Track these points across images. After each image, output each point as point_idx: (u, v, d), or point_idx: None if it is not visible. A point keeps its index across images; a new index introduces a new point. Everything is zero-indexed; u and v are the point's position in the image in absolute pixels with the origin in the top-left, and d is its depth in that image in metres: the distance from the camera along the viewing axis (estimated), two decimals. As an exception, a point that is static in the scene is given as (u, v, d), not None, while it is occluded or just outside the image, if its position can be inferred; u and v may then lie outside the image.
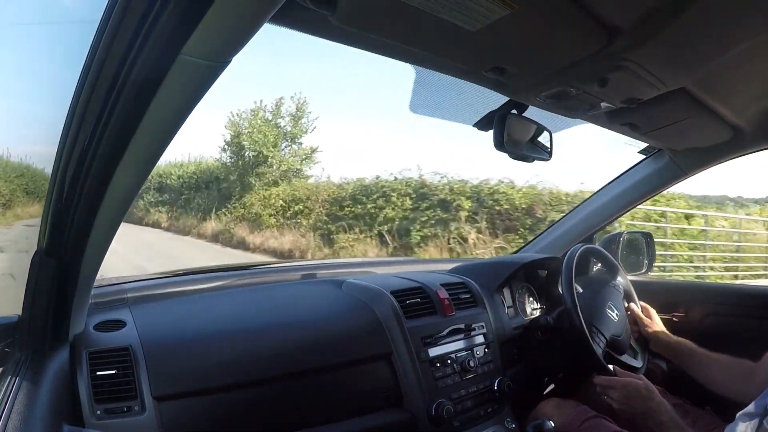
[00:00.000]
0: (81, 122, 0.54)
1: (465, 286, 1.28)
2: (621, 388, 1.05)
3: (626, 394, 1.04)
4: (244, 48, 0.49)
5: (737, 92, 0.91)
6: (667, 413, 0.99)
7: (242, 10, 0.44)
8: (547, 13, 0.58)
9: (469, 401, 1.12)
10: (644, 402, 1.01)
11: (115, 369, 0.81)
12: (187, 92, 0.51)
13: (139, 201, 12.23)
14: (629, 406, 1.04)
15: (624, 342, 1.25)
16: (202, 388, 0.85)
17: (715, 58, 0.74)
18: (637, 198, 1.45)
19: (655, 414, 0.99)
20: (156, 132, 0.55)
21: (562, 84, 0.79)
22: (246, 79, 16.38)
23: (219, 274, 1.31)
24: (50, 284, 0.72)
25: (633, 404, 1.03)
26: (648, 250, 1.56)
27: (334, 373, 0.98)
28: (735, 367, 1.09)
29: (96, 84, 0.49)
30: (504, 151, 0.98)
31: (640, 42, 0.66)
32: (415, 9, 0.53)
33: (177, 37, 0.44)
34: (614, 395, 1.06)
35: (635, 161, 1.44)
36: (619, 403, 1.06)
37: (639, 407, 1.02)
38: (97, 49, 0.47)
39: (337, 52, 24.37)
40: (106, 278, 1.15)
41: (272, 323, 1.03)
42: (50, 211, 0.66)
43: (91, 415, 0.76)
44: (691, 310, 1.33)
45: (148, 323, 0.94)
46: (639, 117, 0.99)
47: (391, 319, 1.08)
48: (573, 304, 1.16)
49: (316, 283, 1.28)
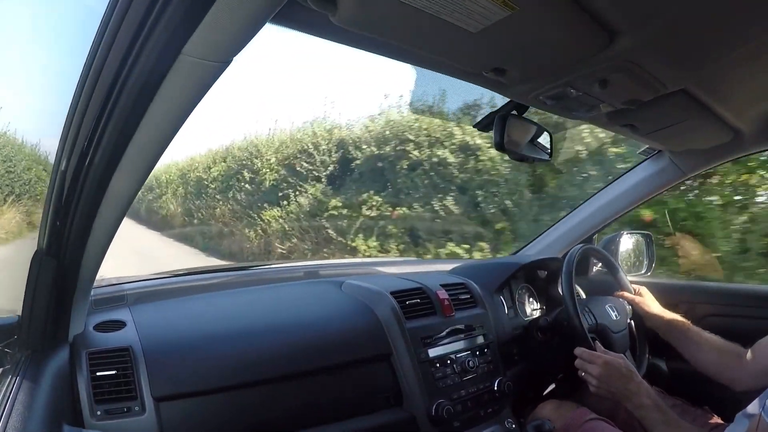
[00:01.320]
0: (81, 121, 0.54)
1: (465, 286, 1.28)
2: (602, 364, 1.03)
3: (606, 372, 1.02)
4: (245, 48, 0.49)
5: (737, 94, 0.91)
6: (648, 396, 0.97)
7: (244, 10, 0.44)
8: (548, 14, 0.58)
9: (469, 402, 1.12)
10: (624, 382, 0.99)
11: (114, 369, 0.81)
12: (188, 92, 0.51)
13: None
14: (607, 385, 1.02)
15: (620, 344, 1.25)
16: (202, 389, 0.85)
17: (716, 59, 0.74)
18: (637, 199, 1.45)
19: (634, 396, 0.98)
20: (156, 132, 0.55)
21: (563, 85, 0.79)
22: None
23: (219, 274, 1.31)
24: (50, 284, 0.72)
25: (611, 383, 1.01)
26: (648, 251, 1.56)
27: (334, 374, 0.98)
28: (726, 349, 1.10)
29: (97, 83, 0.49)
30: (504, 152, 0.98)
31: (641, 44, 0.66)
32: (416, 10, 0.53)
33: (178, 36, 0.44)
34: (594, 371, 1.04)
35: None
36: (598, 381, 1.03)
37: (617, 387, 1.00)
38: (98, 49, 0.47)
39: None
40: (106, 278, 1.15)
41: (272, 324, 1.03)
42: (50, 211, 0.66)
43: (90, 416, 0.76)
44: (691, 310, 1.33)
45: (148, 323, 0.94)
46: (639, 118, 0.99)
47: (391, 320, 1.08)
48: (573, 304, 1.16)
49: (315, 284, 1.28)
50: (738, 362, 1.06)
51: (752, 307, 1.34)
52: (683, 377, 1.33)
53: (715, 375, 1.10)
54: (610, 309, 1.28)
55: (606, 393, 1.04)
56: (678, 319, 1.20)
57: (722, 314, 1.37)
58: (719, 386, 1.10)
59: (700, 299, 1.42)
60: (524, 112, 0.98)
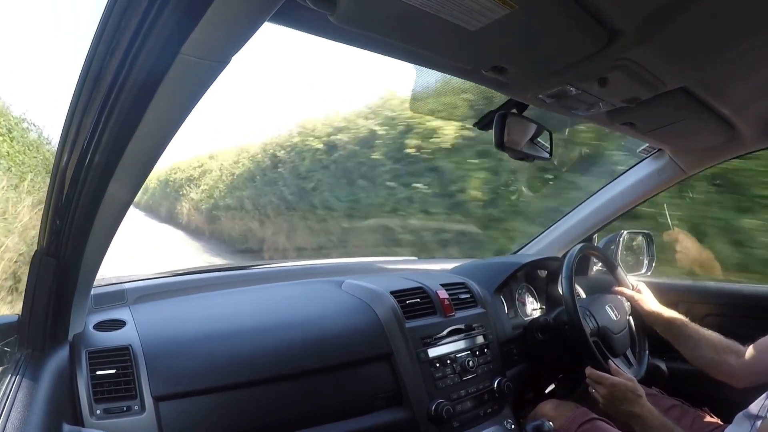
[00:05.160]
0: (81, 121, 0.54)
1: (465, 286, 1.28)
2: (609, 386, 1.05)
3: (612, 394, 1.04)
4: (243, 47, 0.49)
5: (737, 91, 0.90)
6: (655, 418, 0.98)
7: (242, 9, 0.44)
8: (547, 12, 0.58)
9: (469, 401, 1.12)
10: (629, 405, 1.01)
11: (114, 368, 0.82)
12: (187, 91, 0.51)
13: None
14: (614, 406, 1.04)
15: (621, 344, 1.25)
16: (202, 388, 0.85)
17: (715, 58, 0.74)
18: (637, 198, 1.45)
19: (640, 419, 0.99)
20: (156, 131, 0.55)
21: (562, 83, 0.79)
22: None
23: (219, 273, 1.31)
24: (50, 284, 0.72)
25: (617, 405, 1.03)
26: (648, 250, 1.55)
27: (334, 373, 0.98)
28: (724, 346, 1.10)
29: (96, 83, 0.49)
30: (504, 151, 0.98)
31: (640, 42, 0.66)
32: (415, 8, 0.53)
33: (177, 36, 0.44)
34: (601, 392, 1.06)
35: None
36: (605, 402, 1.06)
37: (623, 410, 1.02)
38: (97, 48, 0.47)
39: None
40: (106, 278, 1.15)
41: (272, 323, 1.03)
42: (50, 210, 0.66)
43: (90, 415, 0.76)
44: (691, 310, 1.33)
45: (148, 323, 0.94)
46: (639, 116, 0.99)
47: (391, 320, 1.08)
48: (573, 304, 1.16)
49: (316, 283, 1.28)
50: (737, 359, 1.06)
51: (752, 307, 1.34)
52: (683, 378, 1.33)
53: (714, 372, 1.10)
54: (610, 309, 1.28)
55: (613, 414, 1.06)
56: (676, 316, 1.20)
57: (721, 314, 1.37)
58: (719, 387, 1.10)
59: (699, 299, 1.42)
60: (524, 110, 0.98)
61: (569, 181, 3.09)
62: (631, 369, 1.24)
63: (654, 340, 1.30)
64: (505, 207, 3.65)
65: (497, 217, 3.64)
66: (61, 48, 21.98)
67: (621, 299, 1.33)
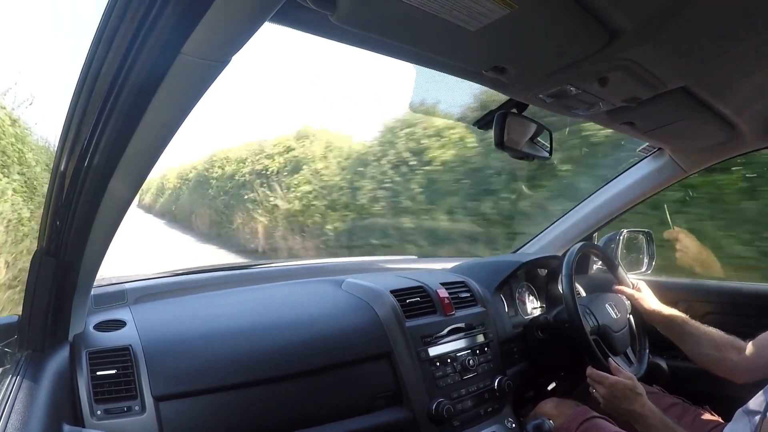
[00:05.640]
0: (81, 121, 0.54)
1: (465, 285, 1.28)
2: (609, 386, 1.05)
3: (612, 393, 1.04)
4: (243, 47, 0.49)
5: (737, 91, 0.91)
6: (655, 417, 0.99)
7: (242, 9, 0.43)
8: (547, 12, 0.58)
9: (469, 401, 1.12)
10: (630, 404, 1.01)
11: (115, 369, 0.82)
12: (186, 91, 0.51)
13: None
14: (614, 405, 1.04)
15: (621, 343, 1.25)
16: (203, 388, 0.85)
17: (715, 58, 0.74)
18: (637, 197, 1.45)
19: (641, 417, 0.99)
20: (156, 131, 0.55)
21: (563, 83, 0.79)
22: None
23: (219, 273, 1.31)
24: (50, 284, 0.72)
25: (618, 404, 1.03)
26: (648, 249, 1.56)
27: (334, 373, 0.98)
28: (725, 342, 1.10)
29: (96, 83, 0.49)
30: (504, 150, 0.98)
31: (641, 41, 0.66)
32: (415, 9, 0.53)
33: (177, 36, 0.44)
34: (601, 391, 1.07)
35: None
36: (605, 400, 1.06)
37: (623, 408, 1.02)
38: (97, 48, 0.47)
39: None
40: (106, 278, 1.15)
41: (272, 323, 1.03)
42: (50, 210, 0.66)
43: (91, 415, 0.76)
44: (691, 308, 1.33)
45: (148, 323, 0.94)
46: (639, 116, 0.99)
47: (391, 319, 1.08)
48: (573, 302, 1.16)
49: (316, 283, 1.28)
50: (737, 355, 1.06)
51: (752, 305, 1.35)
52: (683, 376, 1.33)
53: (715, 369, 1.10)
54: (610, 308, 1.28)
55: (614, 412, 1.06)
56: (676, 314, 1.20)
57: (722, 312, 1.37)
58: (720, 385, 1.10)
59: (699, 297, 1.42)
60: (524, 110, 0.98)
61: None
62: (632, 367, 1.24)
63: (654, 338, 1.30)
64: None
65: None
66: (61, 48, 21.98)
67: (621, 298, 1.33)
